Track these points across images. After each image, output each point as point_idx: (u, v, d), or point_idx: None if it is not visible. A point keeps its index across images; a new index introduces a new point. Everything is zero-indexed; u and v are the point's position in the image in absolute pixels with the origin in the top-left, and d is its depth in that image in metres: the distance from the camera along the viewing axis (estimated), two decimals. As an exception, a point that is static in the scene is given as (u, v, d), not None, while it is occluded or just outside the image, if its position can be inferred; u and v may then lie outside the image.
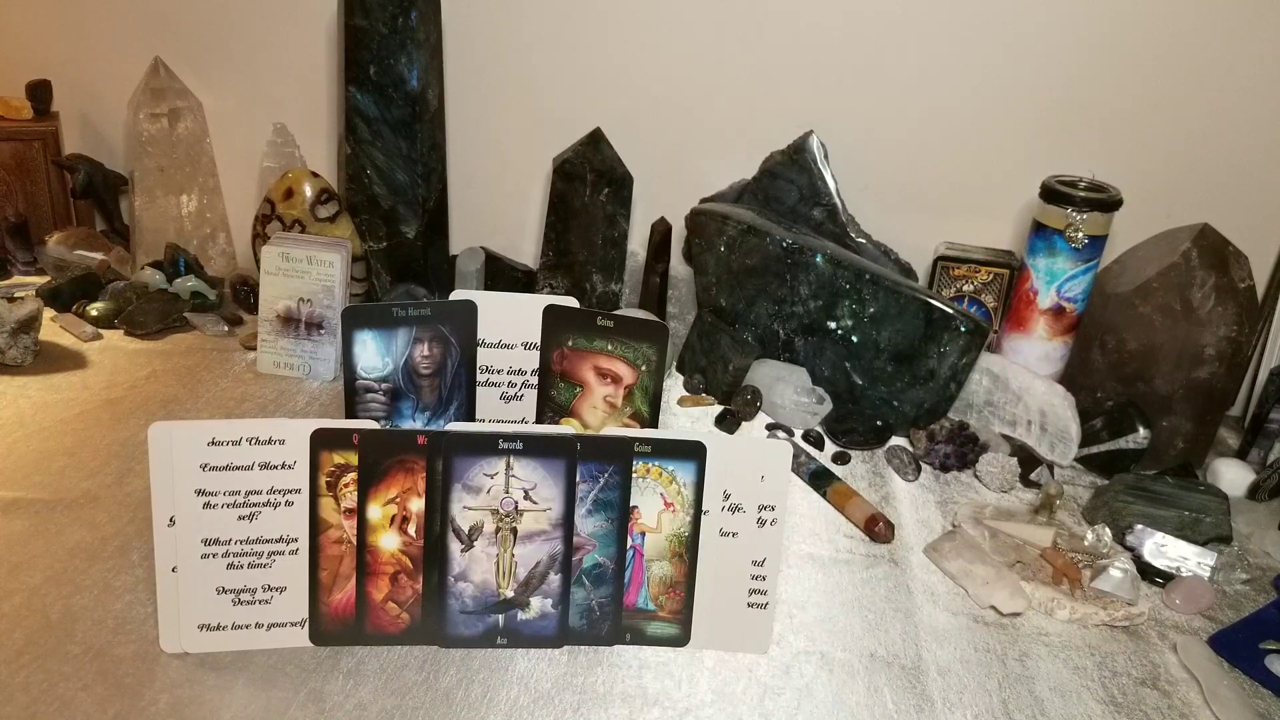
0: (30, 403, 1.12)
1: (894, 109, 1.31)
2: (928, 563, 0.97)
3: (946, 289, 1.30)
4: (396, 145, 1.32)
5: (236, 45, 1.42)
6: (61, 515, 0.93)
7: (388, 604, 0.80)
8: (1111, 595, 0.92)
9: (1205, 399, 1.13)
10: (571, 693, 0.77)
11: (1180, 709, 0.81)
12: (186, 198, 1.44)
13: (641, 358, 1.01)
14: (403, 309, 0.98)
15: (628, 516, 0.80)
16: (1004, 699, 0.81)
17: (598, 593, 0.81)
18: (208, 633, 0.78)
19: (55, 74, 1.45)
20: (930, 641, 0.87)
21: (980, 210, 1.33)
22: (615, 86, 1.36)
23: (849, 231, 1.28)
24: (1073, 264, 1.14)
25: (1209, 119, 1.24)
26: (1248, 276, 1.11)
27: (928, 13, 1.25)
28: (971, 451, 1.14)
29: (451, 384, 1.03)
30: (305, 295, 1.21)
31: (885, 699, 0.80)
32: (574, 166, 1.32)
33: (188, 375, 1.21)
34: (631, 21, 1.32)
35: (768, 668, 0.82)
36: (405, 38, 1.26)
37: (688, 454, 0.79)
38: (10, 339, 1.17)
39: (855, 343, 1.18)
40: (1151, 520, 1.01)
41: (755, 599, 0.82)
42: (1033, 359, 1.19)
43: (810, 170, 1.27)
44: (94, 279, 1.37)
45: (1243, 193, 1.26)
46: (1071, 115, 1.27)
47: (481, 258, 1.40)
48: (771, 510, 0.80)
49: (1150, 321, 1.12)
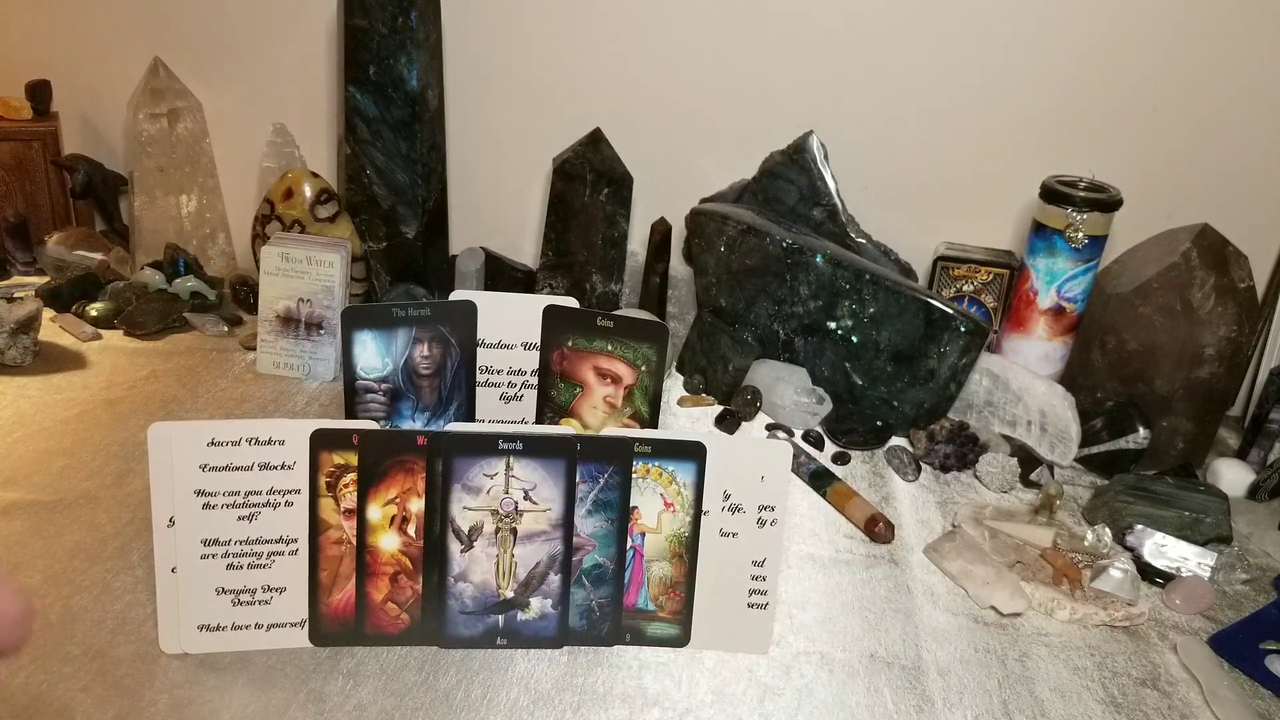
0: (30, 403, 1.12)
1: (894, 109, 1.31)
2: (928, 563, 0.97)
3: (946, 289, 1.30)
4: (396, 145, 1.31)
5: (236, 45, 1.42)
6: (61, 516, 0.93)
7: (387, 604, 0.80)
8: (1111, 595, 0.92)
9: (1205, 399, 1.13)
10: (571, 693, 0.77)
11: (1180, 709, 0.81)
12: (186, 198, 1.44)
13: (641, 358, 1.01)
14: (402, 309, 0.98)
15: (628, 517, 0.80)
16: (1004, 699, 0.81)
17: (598, 593, 0.81)
18: (207, 633, 0.78)
19: (55, 74, 1.45)
20: (930, 642, 0.87)
21: (980, 210, 1.33)
22: (615, 86, 1.36)
23: (849, 231, 1.28)
24: (1073, 264, 1.14)
25: (1209, 119, 1.24)
26: (1248, 276, 1.11)
27: (928, 13, 1.25)
28: (971, 452, 1.14)
29: (451, 384, 1.03)
30: (305, 295, 1.21)
31: (885, 699, 0.80)
32: (574, 166, 1.32)
33: (187, 375, 1.21)
34: (631, 21, 1.32)
35: (768, 668, 0.82)
36: (405, 38, 1.26)
37: (688, 454, 0.79)
38: (10, 339, 1.17)
39: (855, 343, 1.18)
40: (1151, 520, 1.01)
41: (755, 599, 0.82)
42: (1033, 359, 1.19)
43: (810, 170, 1.27)
44: (94, 279, 1.37)
45: (1243, 193, 1.26)
46: (1071, 115, 1.27)
47: (481, 258, 1.40)
48: (771, 510, 0.80)
49: (1150, 321, 1.12)
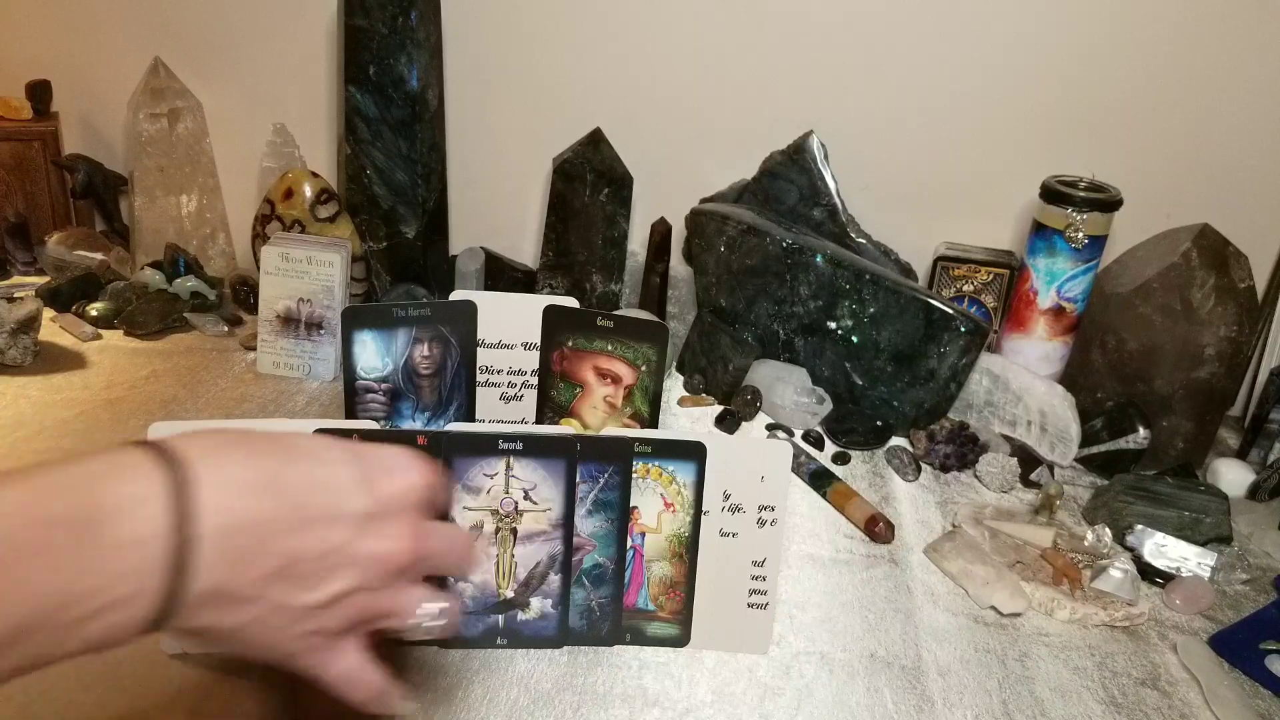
0: (30, 403, 1.12)
1: (894, 109, 1.31)
2: (928, 563, 0.98)
3: (946, 289, 1.30)
4: (396, 145, 1.32)
5: (236, 45, 1.42)
6: (61, 515, 0.93)
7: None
8: (1111, 595, 0.92)
9: (1205, 399, 1.13)
10: (571, 693, 0.77)
11: (1180, 709, 0.81)
12: (186, 198, 1.44)
13: (641, 358, 1.01)
14: (403, 309, 0.98)
15: (628, 517, 0.80)
16: (1004, 699, 0.81)
17: (598, 593, 0.81)
18: (208, 633, 0.78)
19: (55, 74, 1.45)
20: (930, 642, 0.87)
21: (980, 210, 1.33)
22: (615, 86, 1.36)
23: (849, 231, 1.28)
24: (1073, 264, 1.14)
25: (1209, 119, 1.24)
26: (1248, 276, 1.11)
27: (928, 13, 1.25)
28: (971, 451, 1.14)
29: (451, 384, 1.03)
30: (305, 295, 1.21)
31: (885, 699, 0.80)
32: (574, 166, 1.32)
33: (188, 375, 1.21)
34: (631, 21, 1.32)
35: (768, 668, 0.82)
36: (405, 38, 1.26)
37: (688, 454, 0.79)
38: (10, 339, 1.17)
39: (855, 343, 1.18)
40: (1151, 520, 1.01)
41: (755, 599, 0.82)
42: (1033, 359, 1.19)
43: (810, 170, 1.27)
44: (94, 279, 1.37)
45: (1243, 193, 1.26)
46: (1072, 115, 1.27)
47: (481, 258, 1.40)
48: (771, 510, 0.80)
49: (1150, 321, 1.12)
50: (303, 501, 0.47)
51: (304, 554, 0.46)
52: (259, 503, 0.45)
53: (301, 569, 0.47)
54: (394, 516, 0.50)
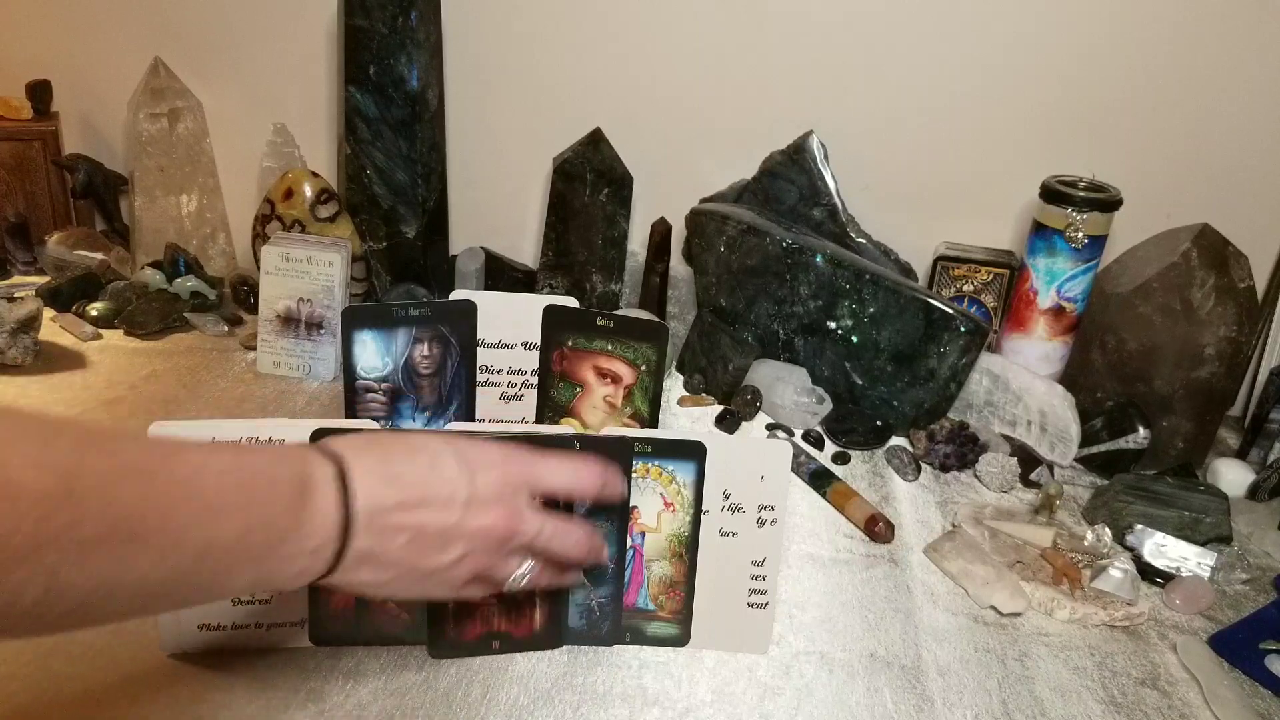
0: (30, 403, 1.12)
1: (894, 109, 1.31)
2: (928, 563, 0.98)
3: (946, 289, 1.30)
4: (396, 145, 1.32)
5: (236, 45, 1.42)
6: (61, 515, 0.93)
7: (387, 604, 0.80)
8: (1111, 595, 0.92)
9: (1205, 399, 1.13)
10: (571, 693, 0.77)
11: (1180, 709, 0.81)
12: (186, 198, 1.44)
13: (641, 358, 1.01)
14: (403, 309, 0.98)
15: (628, 516, 0.80)
16: (1004, 699, 0.81)
17: (597, 593, 0.81)
18: (207, 633, 0.78)
19: (55, 74, 1.45)
20: (930, 641, 0.87)
21: (980, 210, 1.33)
22: (615, 86, 1.36)
23: (849, 231, 1.28)
24: (1073, 264, 1.14)
25: (1209, 119, 1.24)
26: (1248, 276, 1.11)
27: (928, 12, 1.25)
28: (971, 451, 1.14)
29: (451, 384, 1.03)
30: (305, 295, 1.21)
31: (885, 699, 0.80)
32: (574, 166, 1.32)
33: (188, 375, 1.21)
34: (631, 21, 1.32)
35: (768, 668, 0.82)
36: (405, 38, 1.26)
37: (688, 454, 0.79)
38: (10, 339, 1.17)
39: (855, 343, 1.18)
40: (1151, 520, 1.01)
41: (755, 599, 0.82)
42: (1033, 359, 1.19)
43: (810, 170, 1.27)
44: (94, 279, 1.37)
45: (1243, 193, 1.26)
46: (1072, 115, 1.27)
47: (481, 258, 1.40)
48: (771, 510, 0.80)
49: (1150, 321, 1.12)
50: (422, 491, 0.61)
51: (426, 529, 0.61)
52: (391, 490, 0.60)
53: (427, 540, 0.61)
54: (491, 501, 0.63)
